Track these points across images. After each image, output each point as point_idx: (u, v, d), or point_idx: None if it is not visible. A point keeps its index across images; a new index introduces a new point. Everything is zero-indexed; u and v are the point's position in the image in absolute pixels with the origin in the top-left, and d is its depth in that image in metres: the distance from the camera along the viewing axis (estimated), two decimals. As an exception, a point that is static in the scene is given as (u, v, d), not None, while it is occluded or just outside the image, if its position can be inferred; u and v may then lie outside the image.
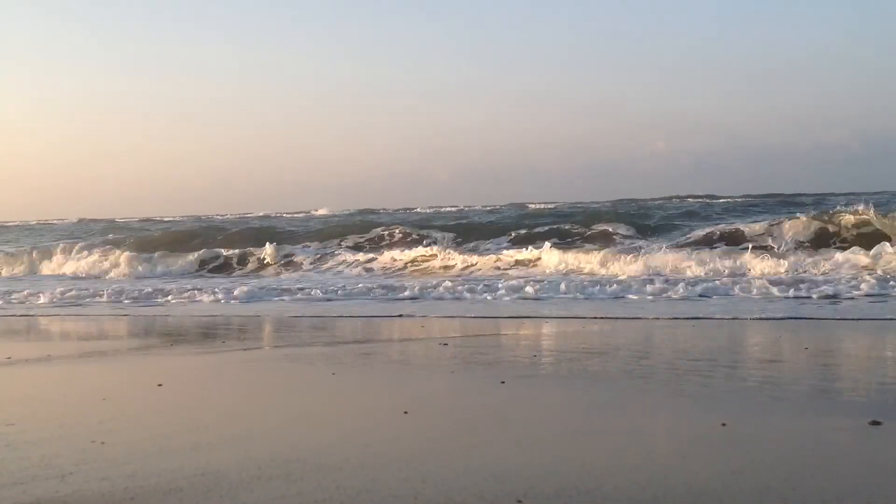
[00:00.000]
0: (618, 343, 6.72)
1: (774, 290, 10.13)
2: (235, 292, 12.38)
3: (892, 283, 10.36)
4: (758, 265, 12.91)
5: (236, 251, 19.84)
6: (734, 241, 16.22)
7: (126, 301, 12.32)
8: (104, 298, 12.59)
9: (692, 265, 13.38)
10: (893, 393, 4.32)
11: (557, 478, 2.67)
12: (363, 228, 21.94)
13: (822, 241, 15.50)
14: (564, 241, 18.16)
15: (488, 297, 11.09)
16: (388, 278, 15.12)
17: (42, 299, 12.59)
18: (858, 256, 12.74)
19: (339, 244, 20.30)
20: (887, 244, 13.03)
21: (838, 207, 17.05)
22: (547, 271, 14.81)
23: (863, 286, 10.09)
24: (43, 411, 3.90)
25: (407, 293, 11.71)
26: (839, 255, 13.01)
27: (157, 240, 23.53)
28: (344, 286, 12.89)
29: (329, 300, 11.70)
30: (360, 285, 12.96)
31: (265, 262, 18.92)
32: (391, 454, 2.98)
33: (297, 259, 18.96)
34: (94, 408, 3.98)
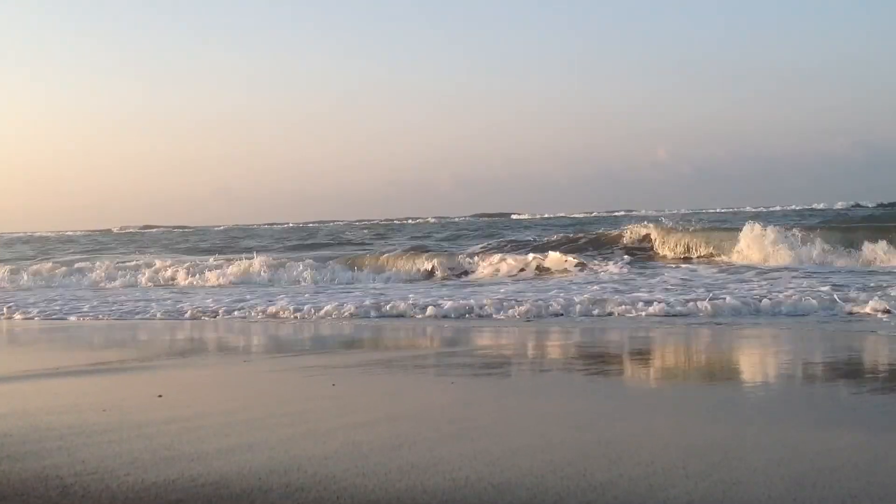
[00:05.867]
0: (616, 349, 6.72)
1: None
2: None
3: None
4: None
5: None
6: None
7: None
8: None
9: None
10: (894, 401, 4.32)
11: (558, 488, 2.67)
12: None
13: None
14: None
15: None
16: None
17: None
18: None
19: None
20: None
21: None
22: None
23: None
24: (43, 422, 3.90)
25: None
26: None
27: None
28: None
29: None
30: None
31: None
32: (391, 464, 2.98)
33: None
34: (96, 418, 3.98)
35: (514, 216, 38.48)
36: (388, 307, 10.29)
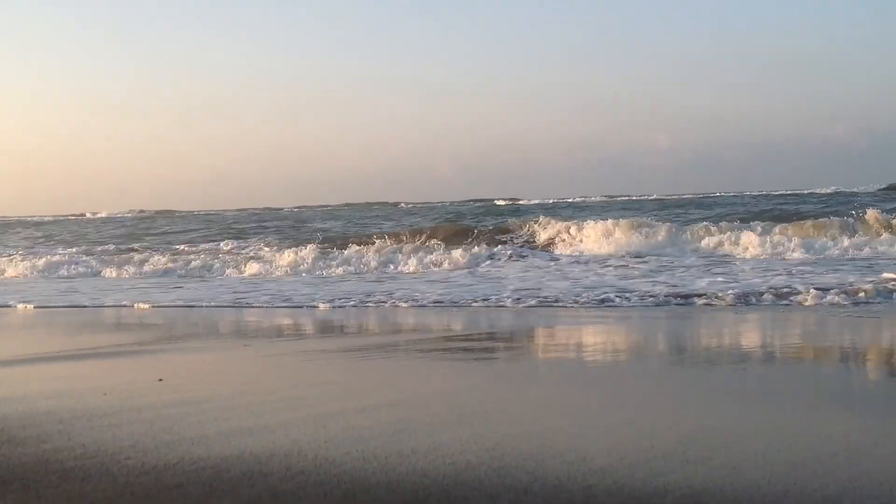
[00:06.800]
0: (615, 334, 6.72)
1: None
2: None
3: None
4: None
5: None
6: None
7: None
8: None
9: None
10: (894, 385, 4.32)
11: (558, 472, 2.67)
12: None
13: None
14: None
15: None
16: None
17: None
18: None
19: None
20: None
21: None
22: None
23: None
24: (44, 406, 3.90)
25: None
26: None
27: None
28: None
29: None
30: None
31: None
32: (391, 448, 2.98)
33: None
34: (96, 401, 3.98)
35: (497, 202, 38.48)
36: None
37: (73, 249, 21.26)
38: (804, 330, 6.86)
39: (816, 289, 8.57)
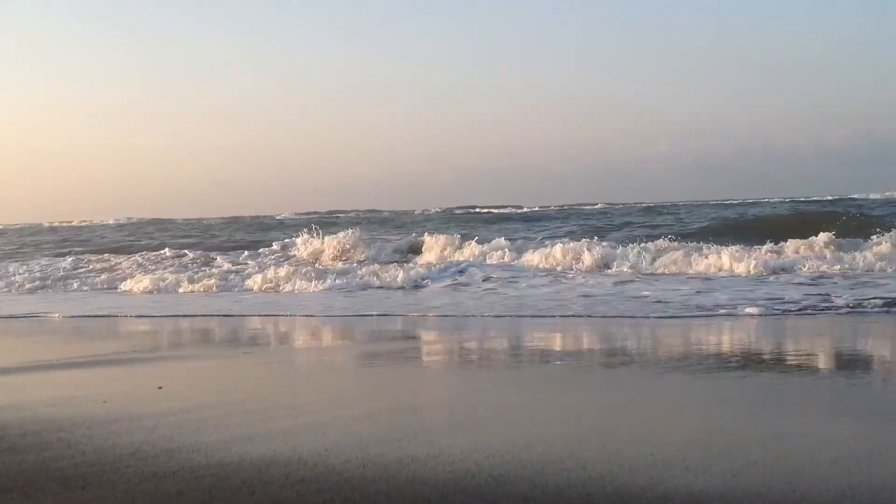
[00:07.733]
0: (616, 343, 6.72)
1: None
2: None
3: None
4: None
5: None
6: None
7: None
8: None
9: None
10: (893, 393, 4.32)
11: (558, 480, 2.67)
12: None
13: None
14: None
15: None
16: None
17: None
18: None
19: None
20: None
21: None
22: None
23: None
24: (44, 414, 3.90)
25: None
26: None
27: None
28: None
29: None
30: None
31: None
32: (391, 456, 2.98)
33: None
34: (96, 409, 3.98)
35: (478, 209, 38.45)
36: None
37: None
38: (798, 337, 6.86)
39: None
